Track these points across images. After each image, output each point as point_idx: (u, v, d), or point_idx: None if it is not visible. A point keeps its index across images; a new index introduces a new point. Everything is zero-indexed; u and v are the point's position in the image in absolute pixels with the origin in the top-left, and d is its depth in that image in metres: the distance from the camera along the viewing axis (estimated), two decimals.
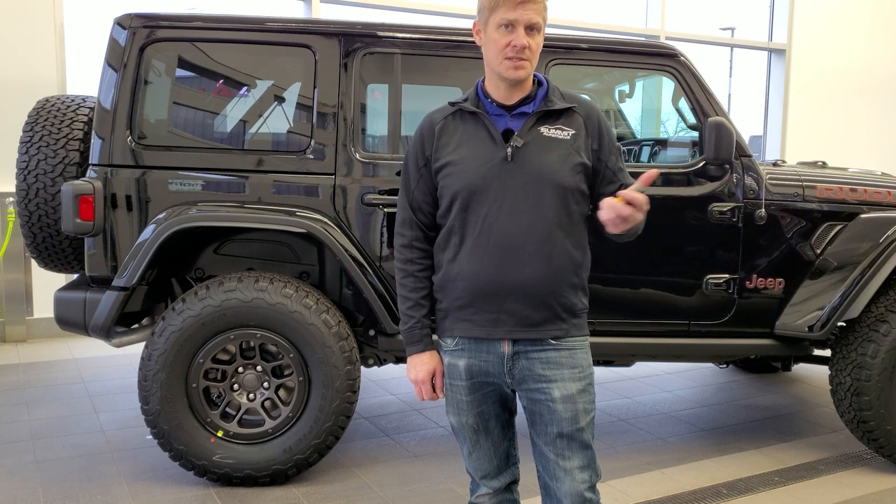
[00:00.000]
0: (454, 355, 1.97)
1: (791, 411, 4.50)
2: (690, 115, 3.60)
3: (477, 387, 1.97)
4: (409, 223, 2.02)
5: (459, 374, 1.97)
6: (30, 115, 3.43)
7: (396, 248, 2.04)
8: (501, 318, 1.89)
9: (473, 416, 2.00)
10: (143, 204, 3.30)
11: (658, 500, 3.30)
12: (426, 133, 1.97)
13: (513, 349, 1.91)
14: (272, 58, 3.47)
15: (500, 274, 1.86)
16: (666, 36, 8.05)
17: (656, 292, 3.52)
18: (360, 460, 3.63)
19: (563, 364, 1.91)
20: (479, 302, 1.90)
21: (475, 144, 1.91)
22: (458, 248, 1.91)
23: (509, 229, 1.86)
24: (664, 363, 5.35)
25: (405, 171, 2.01)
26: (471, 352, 1.95)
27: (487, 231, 1.87)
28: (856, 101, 9.24)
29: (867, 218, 3.67)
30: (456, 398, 2.00)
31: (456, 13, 7.26)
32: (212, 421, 3.25)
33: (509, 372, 1.93)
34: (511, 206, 1.86)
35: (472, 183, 1.88)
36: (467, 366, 1.95)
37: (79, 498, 3.18)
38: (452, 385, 2.00)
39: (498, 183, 1.86)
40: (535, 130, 1.90)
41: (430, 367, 2.03)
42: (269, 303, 3.18)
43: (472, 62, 3.48)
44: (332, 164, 3.37)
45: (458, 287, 1.92)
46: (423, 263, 2.02)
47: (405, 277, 2.03)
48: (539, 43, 1.87)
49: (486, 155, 1.89)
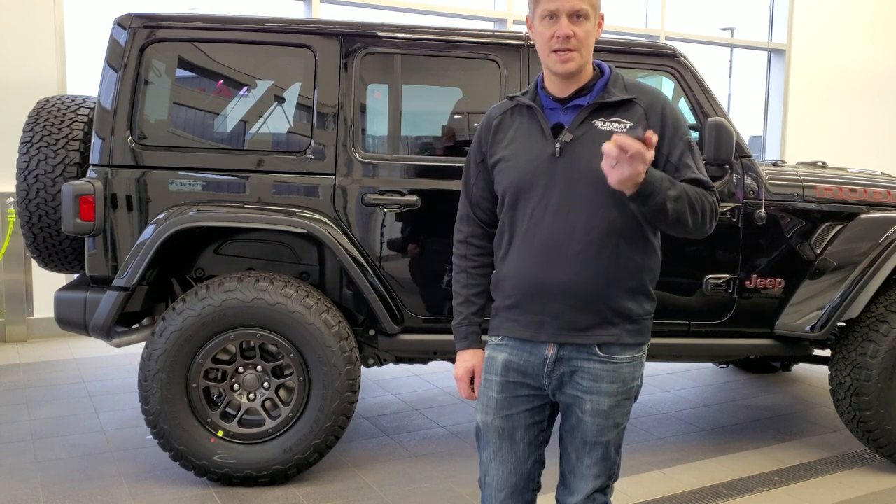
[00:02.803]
0: (495, 349, 1.91)
1: (791, 411, 4.51)
2: (690, 115, 3.60)
3: (510, 387, 1.89)
4: (467, 219, 2.00)
5: (496, 368, 1.90)
6: (30, 116, 3.43)
7: (454, 244, 2.02)
8: (546, 321, 1.82)
9: (500, 418, 1.90)
10: (143, 204, 3.30)
11: (658, 499, 3.30)
12: (483, 128, 1.94)
13: (557, 353, 1.84)
14: (272, 58, 3.47)
15: (544, 274, 1.80)
16: (666, 36, 8.05)
17: (656, 292, 3.51)
18: (360, 460, 3.63)
19: (604, 378, 1.83)
20: (524, 302, 1.84)
21: (527, 140, 1.85)
22: (509, 247, 1.87)
23: (554, 228, 1.79)
24: (664, 363, 5.34)
25: (466, 166, 1.99)
26: (513, 349, 1.88)
27: (533, 230, 1.81)
28: (856, 101, 9.24)
29: (867, 218, 3.67)
30: (487, 394, 1.92)
31: (456, 13, 7.26)
32: (212, 421, 3.25)
33: (548, 376, 1.86)
34: (558, 204, 1.78)
35: (521, 179, 1.82)
36: (505, 360, 1.89)
37: (79, 498, 3.18)
38: (486, 380, 1.93)
39: (546, 180, 1.80)
40: (588, 124, 1.81)
41: (469, 365, 1.98)
42: (270, 303, 3.18)
43: (472, 62, 3.48)
44: (333, 164, 3.37)
45: (506, 286, 1.88)
46: (478, 260, 1.99)
47: (459, 273, 2.01)
48: (588, 30, 1.77)
49: (535, 151, 1.82)
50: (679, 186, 1.75)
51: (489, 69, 3.45)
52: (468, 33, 3.49)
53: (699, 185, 1.82)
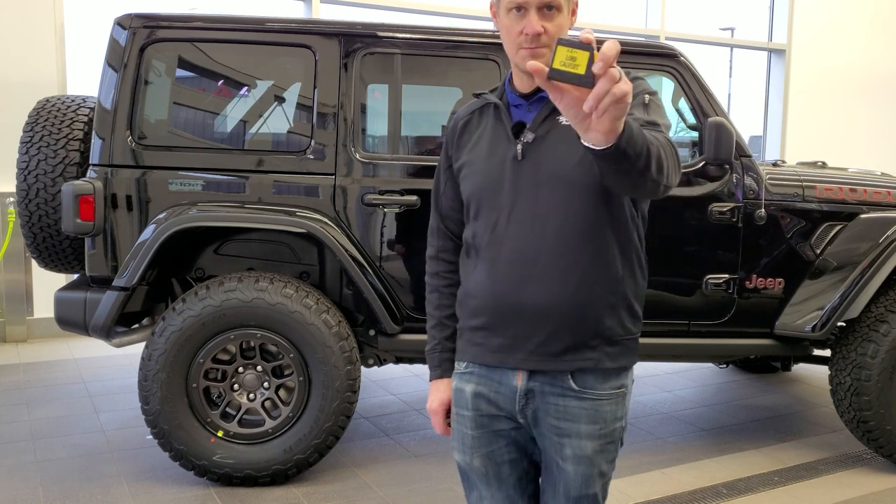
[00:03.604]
0: (462, 379, 1.68)
1: (791, 411, 4.51)
2: (690, 115, 3.60)
3: (485, 421, 1.65)
4: (437, 231, 1.80)
5: (465, 402, 1.66)
6: (30, 116, 3.43)
7: (427, 260, 1.82)
8: (514, 344, 1.59)
9: (480, 458, 1.66)
10: (143, 204, 3.30)
11: (658, 500, 3.30)
12: (449, 131, 1.74)
13: (527, 384, 1.59)
14: (272, 58, 3.47)
15: (510, 292, 1.57)
16: (666, 36, 8.05)
17: (656, 292, 3.52)
18: (360, 460, 3.63)
19: (581, 418, 1.58)
20: (491, 323, 1.61)
21: (492, 142, 1.63)
22: (475, 262, 1.65)
23: (520, 240, 1.56)
24: (664, 363, 5.35)
25: (436, 174, 1.80)
26: (480, 377, 1.65)
27: (497, 242, 1.58)
28: (856, 101, 9.24)
29: (867, 218, 3.67)
30: (461, 431, 1.68)
31: (456, 13, 7.26)
32: (212, 421, 3.25)
33: (521, 410, 1.62)
34: (522, 212, 1.56)
35: (483, 186, 1.61)
36: (474, 392, 1.65)
37: (79, 498, 3.18)
38: (458, 415, 1.69)
39: (509, 186, 1.57)
40: (552, 120, 1.57)
41: (444, 397, 1.75)
42: (270, 303, 3.18)
43: (472, 62, 3.48)
44: (333, 164, 3.37)
45: (471, 305, 1.65)
46: (451, 278, 1.77)
47: (431, 293, 1.80)
48: (560, 24, 1.51)
49: (499, 154, 1.61)
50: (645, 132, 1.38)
51: (489, 69, 3.45)
52: (468, 33, 3.49)
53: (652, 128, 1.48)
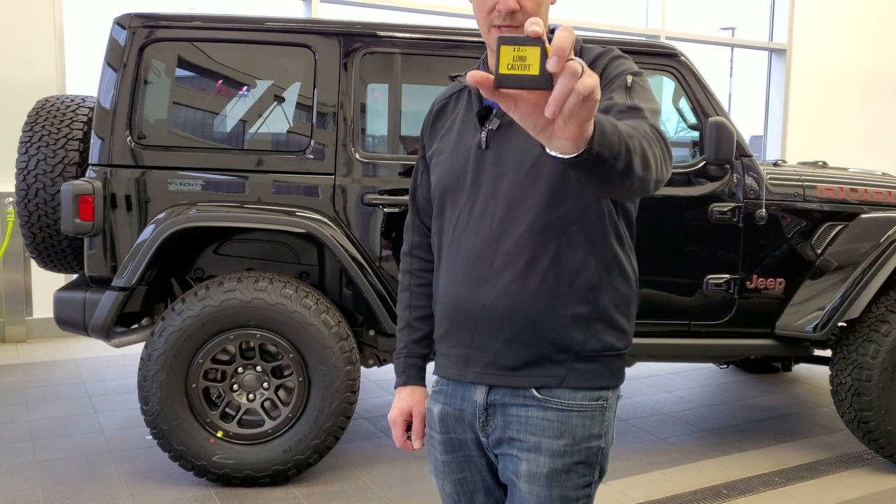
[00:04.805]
0: (432, 398, 1.53)
1: (791, 411, 4.50)
2: (691, 115, 3.59)
3: (454, 445, 1.48)
4: (412, 226, 1.65)
5: (434, 423, 1.51)
6: (29, 115, 3.43)
7: (401, 256, 1.68)
8: (472, 355, 1.41)
9: (451, 484, 1.50)
10: (142, 204, 3.30)
11: (658, 500, 3.29)
12: (426, 117, 1.59)
13: (487, 398, 1.41)
14: (272, 58, 3.47)
15: (468, 296, 1.40)
16: (666, 36, 8.05)
17: (657, 292, 3.52)
18: (360, 460, 3.63)
19: (545, 431, 1.36)
20: (452, 332, 1.45)
21: (461, 129, 1.46)
22: (439, 262, 1.50)
23: (478, 238, 1.39)
24: (664, 363, 5.34)
25: (415, 166, 1.64)
26: (447, 395, 1.48)
27: (458, 240, 1.42)
28: (856, 100, 9.24)
29: (868, 218, 3.67)
30: (432, 453, 1.53)
31: (456, 13, 7.26)
32: (211, 421, 3.24)
33: (482, 429, 1.43)
34: (482, 206, 1.39)
35: (447, 178, 1.45)
36: (441, 413, 1.49)
37: (79, 498, 3.18)
38: (429, 437, 1.54)
39: (472, 178, 1.41)
40: None
41: (405, 406, 1.57)
42: (269, 303, 3.17)
43: (472, 62, 3.48)
44: (332, 164, 3.36)
45: (437, 311, 1.50)
46: (423, 277, 1.61)
47: (402, 291, 1.64)
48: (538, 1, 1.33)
49: (466, 142, 1.44)
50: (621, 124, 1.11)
51: None
52: (468, 33, 3.49)
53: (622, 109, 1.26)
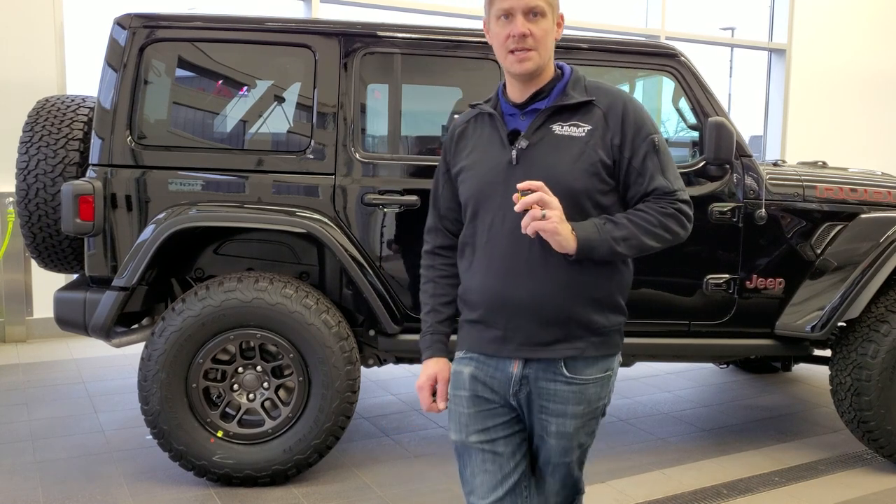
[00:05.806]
0: (460, 363, 1.86)
1: (791, 411, 4.50)
2: (691, 115, 3.59)
3: (481, 402, 1.84)
4: (434, 230, 1.99)
5: (463, 383, 1.85)
6: (29, 116, 3.43)
7: (423, 255, 2.01)
8: (509, 336, 1.78)
9: (477, 434, 1.84)
10: (142, 204, 3.30)
11: (658, 500, 3.29)
12: (448, 139, 1.93)
13: (522, 371, 1.79)
14: (272, 58, 3.47)
15: (505, 288, 1.76)
16: (666, 36, 8.05)
17: (657, 292, 3.52)
18: (360, 460, 3.63)
19: (570, 400, 1.79)
20: (488, 317, 1.80)
21: (487, 148, 1.82)
22: (472, 259, 1.83)
23: (513, 239, 1.73)
24: (664, 363, 5.34)
25: (434, 178, 1.99)
26: (478, 363, 1.83)
27: (493, 241, 1.77)
28: (856, 100, 9.24)
29: (867, 218, 3.67)
30: (457, 411, 1.86)
31: (456, 13, 7.25)
32: (212, 421, 3.24)
33: (515, 395, 1.82)
34: (515, 214, 1.68)
35: (480, 189, 1.80)
36: (472, 374, 1.84)
37: (79, 498, 3.18)
38: (455, 396, 1.87)
39: (504, 189, 1.74)
40: (545, 129, 1.76)
41: (431, 372, 1.92)
42: (269, 303, 3.17)
43: (472, 62, 3.48)
44: (332, 164, 3.36)
45: (470, 300, 1.84)
46: (447, 270, 1.96)
47: (426, 283, 1.98)
48: (545, 29, 1.72)
49: (494, 159, 1.79)
50: (623, 223, 1.72)
51: (489, 69, 3.45)
52: (468, 33, 3.49)
53: (660, 194, 1.77)
